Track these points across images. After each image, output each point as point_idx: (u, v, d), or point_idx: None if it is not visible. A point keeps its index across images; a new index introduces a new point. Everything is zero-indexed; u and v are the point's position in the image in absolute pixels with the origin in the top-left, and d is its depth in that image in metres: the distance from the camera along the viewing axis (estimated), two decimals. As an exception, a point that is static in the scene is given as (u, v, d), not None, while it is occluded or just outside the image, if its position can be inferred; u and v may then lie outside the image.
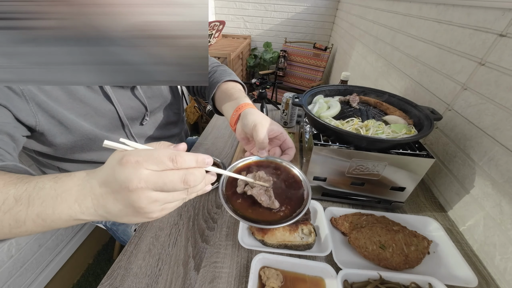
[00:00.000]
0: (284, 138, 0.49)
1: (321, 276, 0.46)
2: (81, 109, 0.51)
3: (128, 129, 0.61)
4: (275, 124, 0.48)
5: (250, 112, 0.50)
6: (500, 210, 0.50)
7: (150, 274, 0.48)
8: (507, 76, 0.51)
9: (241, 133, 0.51)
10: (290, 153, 0.49)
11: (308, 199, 0.41)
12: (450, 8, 0.73)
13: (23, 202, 0.28)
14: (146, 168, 0.25)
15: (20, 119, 0.43)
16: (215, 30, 2.57)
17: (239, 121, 0.51)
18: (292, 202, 0.42)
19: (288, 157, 0.49)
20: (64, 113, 0.48)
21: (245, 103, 0.53)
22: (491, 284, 0.48)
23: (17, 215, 0.28)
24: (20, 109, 0.42)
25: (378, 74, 1.26)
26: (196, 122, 2.19)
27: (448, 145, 0.66)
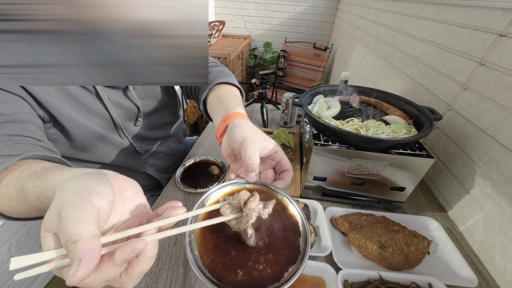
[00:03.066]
0: (280, 158, 0.39)
1: (321, 276, 0.46)
2: (73, 105, 0.51)
3: (121, 129, 0.60)
4: (269, 140, 0.39)
5: (239, 124, 0.40)
6: (500, 210, 0.50)
7: (150, 274, 0.48)
8: (507, 76, 0.51)
9: (227, 149, 0.41)
10: (287, 178, 0.38)
11: (305, 253, 0.29)
12: (450, 8, 0.73)
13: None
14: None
15: (34, 109, 0.45)
16: (215, 30, 2.57)
17: (225, 134, 0.42)
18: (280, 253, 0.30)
19: (283, 183, 0.38)
20: (59, 107, 0.48)
21: (236, 112, 0.44)
22: (491, 284, 0.48)
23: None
24: (30, 100, 0.44)
25: (378, 74, 1.26)
26: (196, 122, 2.19)
27: (448, 145, 0.66)
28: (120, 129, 0.60)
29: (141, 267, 0.22)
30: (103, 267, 0.20)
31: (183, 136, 0.91)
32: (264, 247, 0.31)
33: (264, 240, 0.31)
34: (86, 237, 0.19)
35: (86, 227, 0.20)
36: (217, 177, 0.71)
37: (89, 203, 0.21)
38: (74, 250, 0.19)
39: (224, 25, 2.67)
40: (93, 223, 0.21)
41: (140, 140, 0.67)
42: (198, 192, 0.65)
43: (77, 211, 0.21)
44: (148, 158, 0.72)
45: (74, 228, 0.20)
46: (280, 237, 0.31)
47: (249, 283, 0.27)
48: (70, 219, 0.20)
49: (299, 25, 2.76)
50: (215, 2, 2.80)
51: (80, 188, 0.22)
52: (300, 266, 0.28)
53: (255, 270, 0.28)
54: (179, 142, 0.86)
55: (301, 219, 0.33)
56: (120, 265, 0.21)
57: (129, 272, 0.22)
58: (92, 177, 0.24)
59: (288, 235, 0.32)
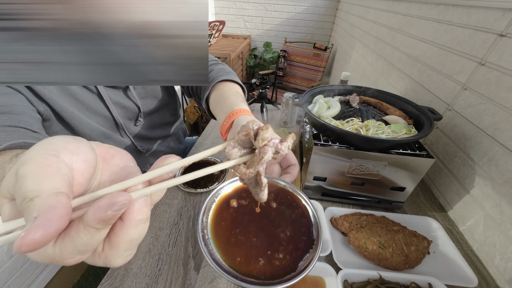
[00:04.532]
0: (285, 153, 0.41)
1: (321, 276, 0.46)
2: (74, 104, 0.51)
3: (123, 129, 0.61)
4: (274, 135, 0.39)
5: (245, 120, 0.41)
6: (500, 210, 0.50)
7: (150, 274, 0.48)
8: (507, 76, 0.51)
9: None
10: (293, 171, 0.39)
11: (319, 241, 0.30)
12: (450, 8, 0.73)
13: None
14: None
15: (34, 104, 0.45)
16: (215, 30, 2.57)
17: (230, 130, 0.43)
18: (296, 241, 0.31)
19: (290, 177, 0.39)
20: (62, 104, 0.49)
21: (241, 108, 0.45)
22: (491, 284, 0.48)
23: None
24: (30, 95, 0.45)
25: (378, 74, 1.26)
26: (196, 122, 2.19)
27: (448, 145, 0.66)
28: (122, 129, 0.61)
29: (128, 234, 0.17)
30: (72, 232, 0.15)
31: (183, 136, 0.91)
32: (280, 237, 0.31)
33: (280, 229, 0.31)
34: (47, 193, 0.14)
35: (48, 183, 0.15)
36: (217, 177, 0.71)
37: (55, 158, 0.16)
38: (29, 208, 0.14)
39: (224, 25, 2.67)
40: (59, 181, 0.15)
41: (140, 139, 0.68)
42: (198, 192, 0.65)
43: (38, 166, 0.15)
44: (149, 157, 0.72)
45: (31, 184, 0.15)
46: (295, 227, 0.32)
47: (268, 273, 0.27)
48: (28, 175, 0.15)
49: (299, 25, 2.76)
50: (215, 2, 2.80)
51: (47, 145, 0.17)
52: (315, 254, 0.28)
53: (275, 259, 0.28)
54: (179, 141, 0.86)
55: (311, 210, 0.33)
56: (96, 227, 0.15)
57: (114, 241, 0.17)
58: (64, 137, 0.19)
59: (301, 225, 0.32)
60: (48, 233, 0.13)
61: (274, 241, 0.30)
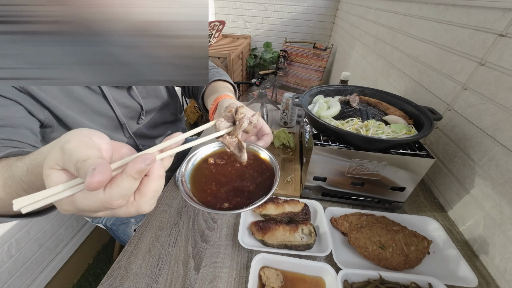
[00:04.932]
0: (261, 125, 0.46)
1: (321, 276, 0.46)
2: (78, 107, 0.52)
3: (126, 128, 0.62)
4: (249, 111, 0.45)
5: (227, 100, 0.49)
6: (500, 210, 0.50)
7: (150, 274, 0.48)
8: (507, 76, 0.51)
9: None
10: (267, 139, 0.45)
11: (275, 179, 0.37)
12: (450, 8, 0.73)
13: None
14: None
15: (33, 113, 0.46)
16: (215, 30, 2.57)
17: (216, 112, 0.50)
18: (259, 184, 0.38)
19: (264, 143, 0.45)
20: (64, 110, 0.49)
21: (226, 94, 0.53)
22: (491, 284, 0.48)
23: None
24: (31, 104, 0.45)
25: (378, 74, 1.26)
26: (196, 122, 2.19)
27: (448, 145, 0.66)
28: (125, 128, 0.62)
29: (152, 185, 0.23)
30: (117, 180, 0.21)
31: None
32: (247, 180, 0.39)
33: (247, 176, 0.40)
34: (94, 157, 0.20)
35: (92, 152, 0.20)
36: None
37: (89, 139, 0.22)
38: (85, 165, 0.19)
39: (224, 25, 2.67)
40: (98, 151, 0.21)
41: (141, 138, 0.69)
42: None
43: (80, 143, 0.21)
44: None
45: (80, 152, 0.20)
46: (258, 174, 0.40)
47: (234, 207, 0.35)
48: (74, 149, 0.20)
49: (299, 25, 2.76)
50: (215, 2, 2.80)
51: (79, 131, 0.23)
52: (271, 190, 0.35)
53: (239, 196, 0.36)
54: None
55: (269, 157, 0.42)
56: (134, 176, 0.21)
57: (142, 191, 0.23)
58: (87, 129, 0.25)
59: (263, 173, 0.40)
60: (105, 177, 0.19)
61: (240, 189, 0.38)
